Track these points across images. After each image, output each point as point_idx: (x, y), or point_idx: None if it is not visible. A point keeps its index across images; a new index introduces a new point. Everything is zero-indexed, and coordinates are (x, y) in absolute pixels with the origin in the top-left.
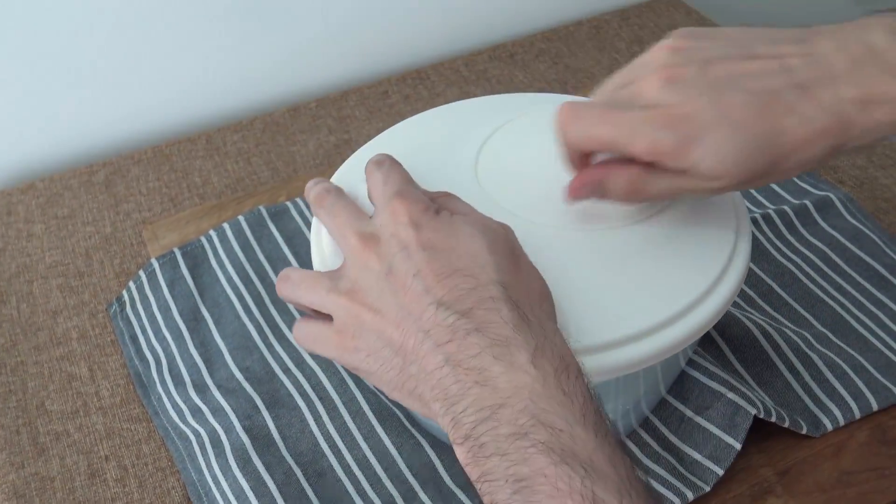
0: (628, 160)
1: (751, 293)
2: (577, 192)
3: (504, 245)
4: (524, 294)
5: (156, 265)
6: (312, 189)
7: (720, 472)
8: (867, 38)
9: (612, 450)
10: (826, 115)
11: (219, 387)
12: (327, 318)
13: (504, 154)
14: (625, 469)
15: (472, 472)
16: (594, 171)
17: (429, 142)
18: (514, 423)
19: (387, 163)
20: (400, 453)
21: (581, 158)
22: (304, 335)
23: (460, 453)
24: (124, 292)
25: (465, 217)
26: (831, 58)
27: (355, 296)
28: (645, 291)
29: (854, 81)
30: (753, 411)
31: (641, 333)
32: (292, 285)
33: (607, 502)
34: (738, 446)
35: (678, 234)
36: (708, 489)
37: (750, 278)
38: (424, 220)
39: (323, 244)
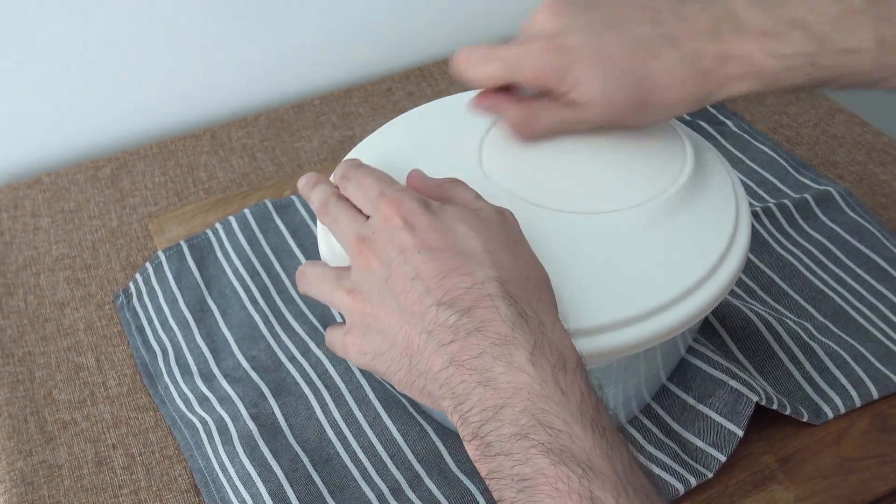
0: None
1: (752, 285)
2: (475, 107)
3: (500, 237)
4: (521, 287)
5: (162, 257)
6: (313, 196)
7: (722, 458)
8: (729, 5)
9: (609, 446)
10: (686, 65)
11: (225, 376)
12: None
13: (508, 141)
14: (622, 465)
15: (482, 469)
16: (495, 96)
17: (432, 132)
18: (516, 424)
19: (351, 172)
20: (405, 440)
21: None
22: (329, 340)
23: (470, 450)
24: (131, 284)
25: (459, 212)
26: (697, 17)
27: (359, 297)
28: (645, 275)
29: (713, 38)
30: (755, 398)
31: (640, 316)
32: (307, 281)
33: (604, 501)
34: (741, 433)
35: (679, 219)
36: (710, 475)
37: (751, 270)
38: (417, 219)
39: (331, 236)
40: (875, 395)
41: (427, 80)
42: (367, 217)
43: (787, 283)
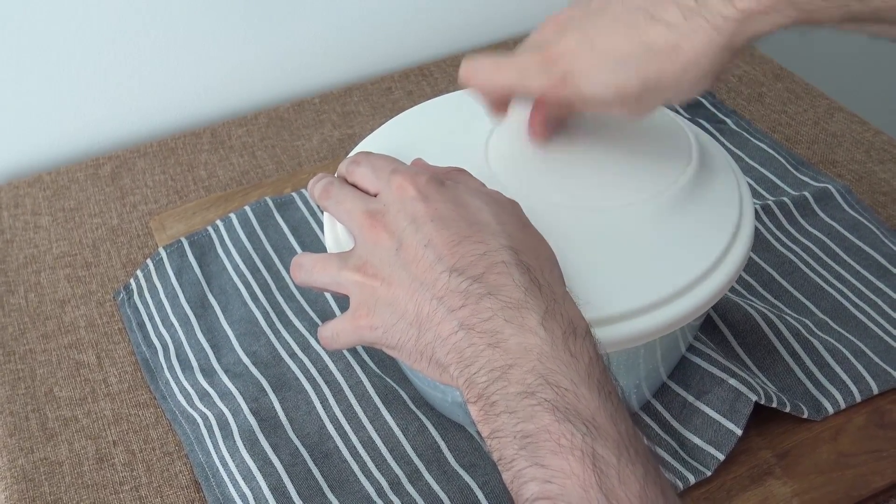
0: None
1: (752, 282)
2: (540, 134)
3: (511, 214)
4: (534, 259)
5: (163, 254)
6: (316, 186)
7: (721, 457)
8: None
9: (614, 408)
10: (692, 14)
11: (226, 371)
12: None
13: (514, 137)
14: (625, 427)
15: (484, 430)
16: (535, 112)
17: (438, 128)
18: (523, 383)
19: (361, 157)
20: (405, 435)
21: (499, 102)
22: (326, 335)
23: (473, 411)
24: (132, 281)
25: (471, 188)
26: None
27: (367, 270)
28: (648, 269)
29: None
30: (754, 398)
31: (642, 309)
32: (305, 269)
33: (606, 458)
34: (739, 432)
35: (682, 215)
36: (709, 473)
37: (751, 267)
38: (431, 191)
39: (338, 226)
40: (875, 390)
41: (427, 80)
42: (374, 196)
43: (786, 279)
